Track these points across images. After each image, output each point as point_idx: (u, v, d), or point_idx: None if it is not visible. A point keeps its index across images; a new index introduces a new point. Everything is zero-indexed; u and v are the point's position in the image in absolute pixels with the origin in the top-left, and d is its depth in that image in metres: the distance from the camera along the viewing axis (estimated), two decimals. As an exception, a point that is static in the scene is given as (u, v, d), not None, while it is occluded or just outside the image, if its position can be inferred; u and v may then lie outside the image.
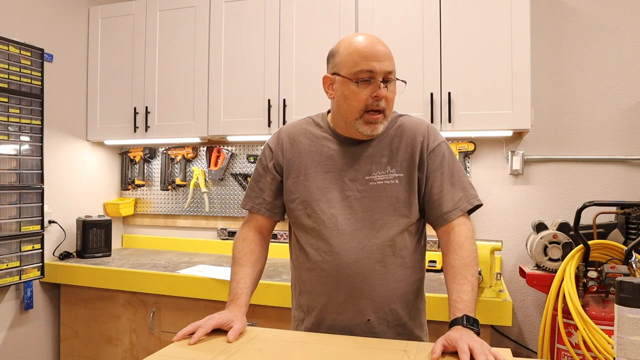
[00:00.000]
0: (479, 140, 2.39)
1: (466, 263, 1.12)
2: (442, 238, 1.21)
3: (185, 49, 2.53)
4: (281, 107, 2.33)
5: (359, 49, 1.15)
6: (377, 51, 1.15)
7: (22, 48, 2.20)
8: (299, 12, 2.33)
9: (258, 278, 1.30)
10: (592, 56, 2.30)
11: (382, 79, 1.14)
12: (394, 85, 1.18)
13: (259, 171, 1.33)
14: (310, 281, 1.25)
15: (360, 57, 1.14)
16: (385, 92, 1.14)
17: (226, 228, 2.80)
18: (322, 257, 1.21)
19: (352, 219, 1.19)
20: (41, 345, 2.46)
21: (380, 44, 1.17)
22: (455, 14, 2.11)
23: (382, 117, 1.17)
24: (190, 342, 1.05)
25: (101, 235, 2.62)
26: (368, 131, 1.17)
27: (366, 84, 1.14)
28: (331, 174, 1.22)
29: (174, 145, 2.86)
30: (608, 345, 1.56)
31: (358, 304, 1.19)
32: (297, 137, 1.29)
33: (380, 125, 1.17)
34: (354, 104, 1.16)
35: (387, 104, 1.16)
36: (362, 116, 1.16)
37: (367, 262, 1.18)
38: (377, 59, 1.14)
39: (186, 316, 2.16)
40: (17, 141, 2.20)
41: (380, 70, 1.13)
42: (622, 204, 1.99)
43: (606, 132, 2.29)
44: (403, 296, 1.22)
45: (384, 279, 1.19)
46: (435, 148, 1.21)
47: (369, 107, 1.15)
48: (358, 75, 1.14)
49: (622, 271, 1.74)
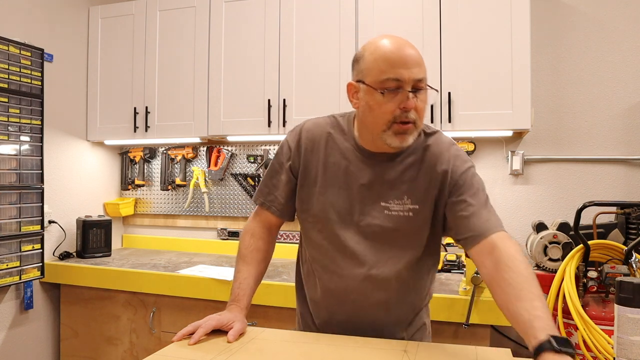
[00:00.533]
0: (479, 140, 2.39)
1: (526, 277, 0.95)
2: (485, 260, 1.03)
3: (185, 49, 2.53)
4: (281, 107, 2.33)
5: (385, 54, 1.04)
6: (406, 57, 1.04)
7: (22, 48, 2.20)
8: (299, 12, 2.33)
9: (262, 276, 1.28)
10: (592, 56, 2.30)
11: (411, 88, 1.04)
12: (424, 94, 1.07)
13: (274, 167, 1.26)
14: (314, 291, 1.24)
15: (387, 64, 1.03)
16: (415, 102, 1.04)
17: (226, 228, 2.80)
18: (329, 276, 1.18)
19: (362, 244, 1.15)
20: (41, 345, 2.46)
21: (410, 48, 1.06)
22: (455, 14, 2.11)
23: (413, 127, 1.06)
24: (190, 342, 1.05)
25: (101, 235, 2.62)
26: (397, 143, 1.06)
27: (393, 94, 1.03)
28: (348, 192, 1.16)
29: (174, 145, 2.86)
30: (608, 345, 1.56)
31: (360, 325, 1.17)
32: (319, 141, 1.20)
33: (410, 136, 1.07)
34: (380, 115, 1.05)
35: (418, 115, 1.06)
36: (390, 127, 1.06)
37: (371, 290, 1.15)
38: (406, 66, 1.03)
39: (186, 316, 2.16)
40: (17, 141, 2.19)
41: (409, 78, 1.03)
42: (622, 204, 1.99)
43: (606, 132, 2.29)
44: (406, 322, 1.21)
45: (387, 309, 1.17)
46: (460, 175, 1.10)
47: (396, 119, 1.05)
48: (384, 84, 1.03)
49: (622, 271, 1.74)
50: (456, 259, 2.26)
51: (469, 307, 1.73)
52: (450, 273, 2.22)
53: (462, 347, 1.07)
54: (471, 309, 1.73)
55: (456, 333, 1.81)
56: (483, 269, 1.04)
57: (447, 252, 2.34)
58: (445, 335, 1.81)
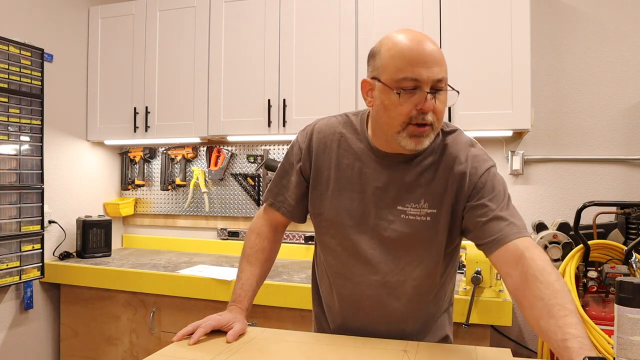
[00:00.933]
0: (479, 140, 2.35)
1: (557, 290, 0.87)
2: (510, 270, 0.95)
3: (185, 49, 2.53)
4: (281, 107, 2.33)
5: (403, 51, 0.97)
6: (426, 55, 0.96)
7: (22, 48, 2.20)
8: (299, 12, 2.33)
9: (265, 277, 1.26)
10: (592, 56, 2.30)
11: (429, 89, 0.97)
12: (444, 95, 1.00)
13: (285, 167, 1.22)
14: (329, 297, 1.21)
15: (405, 61, 0.96)
16: (433, 104, 0.98)
17: (226, 228, 2.80)
18: (342, 282, 1.15)
19: (377, 250, 1.10)
20: (41, 345, 2.46)
21: (430, 44, 0.98)
22: (455, 14, 2.11)
23: (430, 130, 1.00)
24: (190, 342, 1.04)
25: (101, 235, 2.62)
26: (412, 146, 1.00)
27: (410, 94, 0.97)
28: (362, 195, 1.11)
29: (174, 145, 2.86)
30: (608, 345, 1.56)
31: (375, 331, 1.14)
32: (330, 143, 1.15)
33: (426, 139, 1.01)
34: (395, 116, 0.99)
35: (436, 117, 1.00)
36: (405, 129, 1.00)
37: (387, 298, 1.11)
38: (425, 65, 0.96)
39: (186, 316, 2.16)
40: (17, 141, 2.19)
41: (428, 78, 0.96)
42: (622, 204, 1.99)
43: (606, 132, 2.29)
44: (424, 331, 1.17)
45: (404, 316, 1.13)
46: (480, 178, 1.05)
47: (412, 120, 0.99)
48: (401, 83, 0.97)
49: (622, 271, 1.74)
50: (456, 259, 2.26)
51: (469, 307, 1.73)
52: (450, 273, 2.22)
53: (462, 347, 1.07)
54: (471, 309, 1.73)
55: (456, 333, 1.80)
56: (509, 280, 0.96)
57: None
58: (445, 335, 1.81)
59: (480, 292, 1.77)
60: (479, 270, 1.76)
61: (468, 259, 1.79)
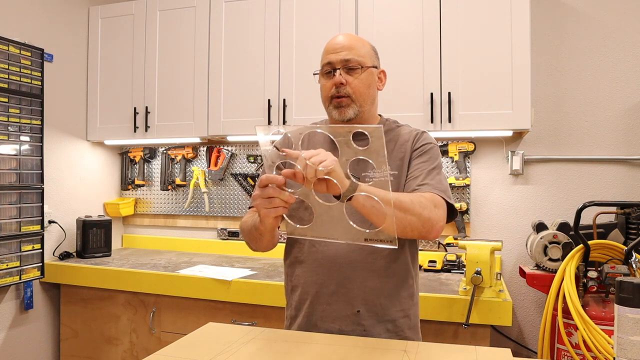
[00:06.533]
0: (479, 140, 2.39)
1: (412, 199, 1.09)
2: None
3: (185, 49, 2.53)
4: (281, 107, 2.33)
5: (326, 46, 1.26)
6: (336, 44, 1.23)
7: (22, 48, 2.20)
8: (299, 12, 2.33)
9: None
10: (592, 56, 2.30)
11: (340, 68, 1.21)
12: (360, 73, 1.22)
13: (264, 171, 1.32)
14: (302, 273, 1.27)
15: (324, 52, 1.26)
16: (341, 78, 1.20)
17: (226, 228, 2.80)
18: (315, 247, 1.24)
19: (347, 212, 1.18)
20: (41, 345, 2.46)
21: (342, 37, 1.24)
22: (455, 14, 2.11)
23: (349, 100, 1.21)
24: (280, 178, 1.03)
25: (101, 235, 2.62)
26: (337, 115, 1.23)
27: (329, 76, 1.23)
28: None
29: (174, 145, 2.86)
30: (608, 345, 1.56)
31: (348, 294, 1.21)
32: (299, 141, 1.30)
33: (348, 109, 1.22)
34: (324, 94, 1.26)
35: (353, 90, 1.21)
36: (331, 102, 1.24)
37: (358, 254, 1.20)
38: (335, 51, 1.22)
39: (186, 316, 2.16)
40: (17, 141, 2.20)
41: (336, 60, 1.22)
42: (622, 204, 1.99)
43: (606, 132, 2.29)
44: (393, 291, 1.22)
45: (374, 271, 1.21)
46: (423, 145, 1.25)
47: (333, 94, 1.22)
48: (323, 69, 1.25)
49: (622, 271, 1.74)
50: (456, 259, 2.26)
51: (469, 307, 1.73)
52: (450, 273, 2.22)
53: (462, 347, 1.07)
54: (471, 309, 1.73)
55: (456, 333, 1.81)
56: None
57: (447, 252, 2.34)
58: (445, 335, 1.81)
59: (480, 292, 1.77)
60: (478, 270, 1.76)
61: (468, 259, 1.79)
